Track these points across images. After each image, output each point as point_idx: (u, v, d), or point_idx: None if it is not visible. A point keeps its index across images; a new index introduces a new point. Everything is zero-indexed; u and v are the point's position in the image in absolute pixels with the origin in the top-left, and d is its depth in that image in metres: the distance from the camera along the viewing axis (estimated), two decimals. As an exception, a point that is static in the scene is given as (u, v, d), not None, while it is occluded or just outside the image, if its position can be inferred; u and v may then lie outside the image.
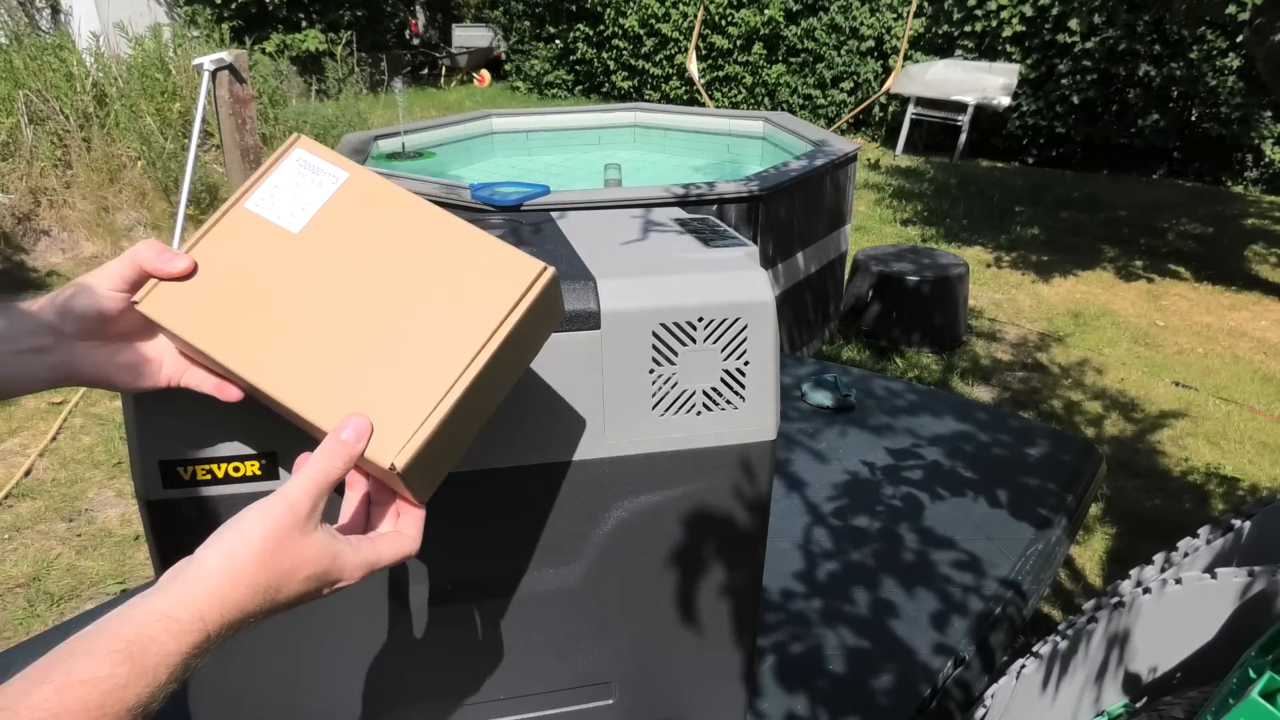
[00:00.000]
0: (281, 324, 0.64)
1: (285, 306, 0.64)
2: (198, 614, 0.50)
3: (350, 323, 0.64)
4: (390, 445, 0.60)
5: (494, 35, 12.42)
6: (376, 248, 0.66)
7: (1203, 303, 4.95)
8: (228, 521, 0.55)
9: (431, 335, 0.63)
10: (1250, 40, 4.48)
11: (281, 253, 0.66)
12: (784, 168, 3.49)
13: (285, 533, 0.54)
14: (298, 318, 0.64)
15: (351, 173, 0.69)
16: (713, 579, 1.01)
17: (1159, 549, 1.56)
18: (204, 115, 4.26)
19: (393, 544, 0.62)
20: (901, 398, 2.85)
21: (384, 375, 0.62)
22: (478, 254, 0.66)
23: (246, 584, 0.53)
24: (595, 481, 0.91)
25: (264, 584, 0.53)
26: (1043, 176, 7.92)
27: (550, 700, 1.02)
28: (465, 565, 0.92)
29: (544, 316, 0.69)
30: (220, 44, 7.12)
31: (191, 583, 0.52)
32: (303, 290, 0.65)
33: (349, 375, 0.62)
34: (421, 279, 0.65)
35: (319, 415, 0.61)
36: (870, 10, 9.06)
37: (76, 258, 5.04)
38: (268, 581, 0.54)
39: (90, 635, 0.47)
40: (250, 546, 0.53)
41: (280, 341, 0.63)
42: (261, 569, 0.53)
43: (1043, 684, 1.37)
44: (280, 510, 0.55)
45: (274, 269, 0.65)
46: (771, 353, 0.92)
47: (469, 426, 0.68)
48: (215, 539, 0.54)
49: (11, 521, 2.76)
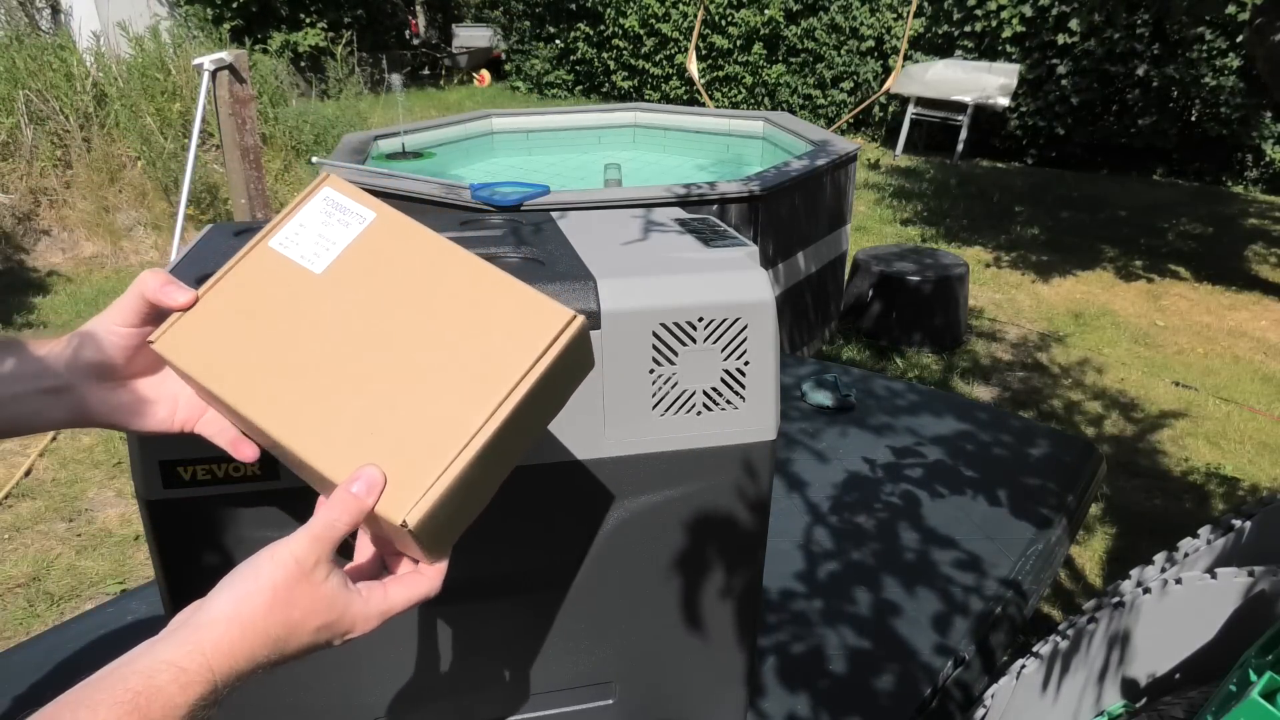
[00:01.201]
0: (297, 368, 0.62)
1: (303, 350, 0.62)
2: (205, 664, 0.49)
3: (369, 369, 0.61)
4: (403, 501, 0.56)
5: (494, 35, 12.42)
6: (401, 292, 0.64)
7: (1203, 303, 4.95)
8: (240, 565, 0.54)
9: (454, 384, 0.60)
10: (1250, 40, 4.48)
11: (303, 294, 0.64)
12: (784, 168, 3.49)
13: (295, 583, 0.53)
14: (315, 362, 0.62)
15: (379, 213, 0.67)
16: (713, 579, 1.01)
17: (1159, 549, 1.55)
18: (204, 115, 4.26)
19: (409, 587, 0.60)
20: (902, 398, 2.85)
21: (401, 426, 0.59)
22: (505, 299, 0.63)
23: (256, 633, 0.51)
24: (595, 481, 0.91)
25: (273, 634, 0.52)
26: (1043, 176, 7.92)
27: (550, 700, 1.02)
28: (465, 565, 0.92)
29: (573, 366, 0.66)
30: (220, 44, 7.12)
31: (200, 630, 0.50)
32: (322, 334, 0.63)
33: (364, 425, 0.59)
34: (446, 325, 0.63)
35: (329, 466, 0.58)
36: (870, 10, 9.06)
37: (76, 258, 5.04)
38: (277, 632, 0.52)
39: (95, 685, 0.46)
40: (261, 594, 0.52)
41: (295, 387, 0.61)
42: (271, 618, 0.52)
43: (1043, 684, 1.37)
44: (289, 562, 0.54)
45: (294, 311, 0.63)
46: (772, 353, 0.92)
47: (489, 481, 0.64)
48: (227, 583, 0.53)
49: (11, 521, 2.76)
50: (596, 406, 0.88)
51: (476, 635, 0.96)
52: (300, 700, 0.94)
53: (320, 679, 0.94)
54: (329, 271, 0.65)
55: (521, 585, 0.95)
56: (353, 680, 0.94)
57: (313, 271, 0.65)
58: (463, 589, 0.94)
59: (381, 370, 0.61)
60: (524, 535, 0.93)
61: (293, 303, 0.64)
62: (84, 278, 4.83)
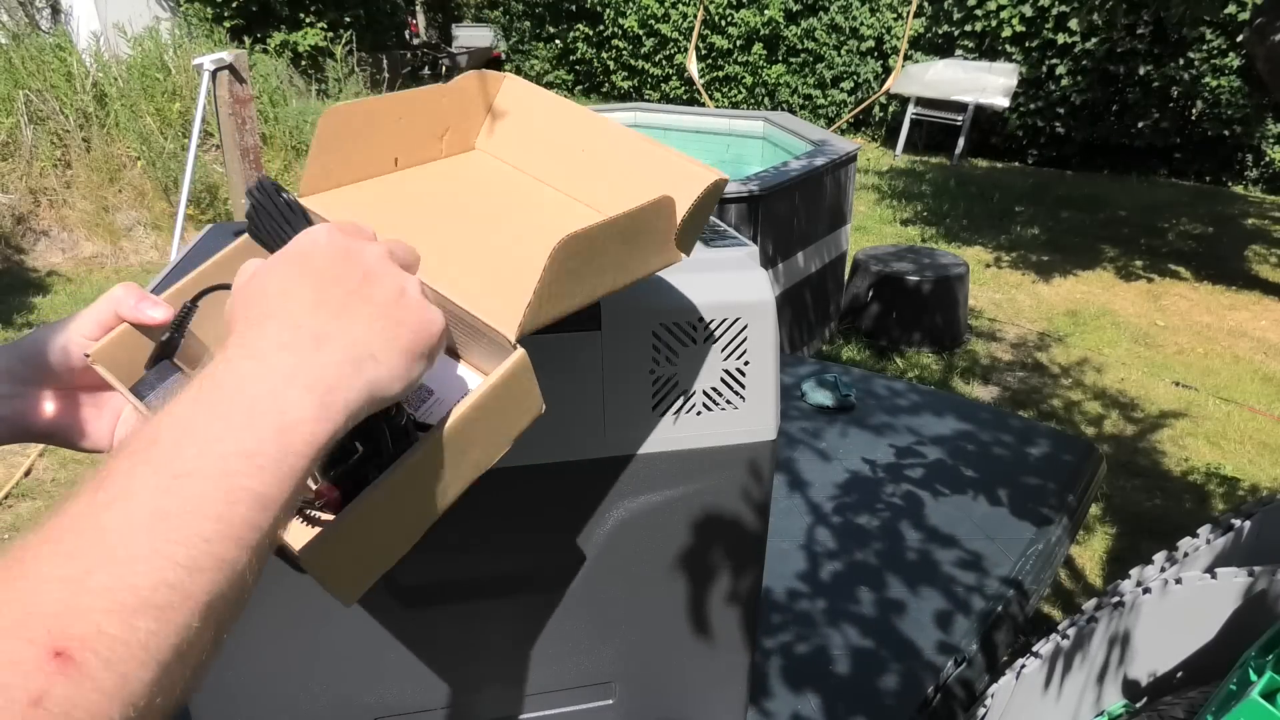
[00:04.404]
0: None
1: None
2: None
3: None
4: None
5: (494, 35, 12.42)
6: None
7: (1203, 303, 4.95)
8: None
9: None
10: (1250, 40, 4.48)
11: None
12: (784, 168, 3.49)
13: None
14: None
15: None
16: (714, 579, 1.01)
17: (1159, 549, 1.55)
18: (204, 115, 4.26)
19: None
20: (902, 398, 2.85)
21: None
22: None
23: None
24: (595, 481, 0.91)
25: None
26: (1043, 176, 7.92)
27: (550, 700, 1.02)
28: (465, 565, 0.92)
29: (511, 407, 0.58)
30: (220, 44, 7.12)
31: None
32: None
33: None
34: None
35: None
36: (870, 10, 9.06)
37: (76, 258, 5.04)
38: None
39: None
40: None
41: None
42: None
43: (1044, 683, 1.37)
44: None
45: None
46: (772, 353, 0.92)
47: (406, 521, 0.54)
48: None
49: (11, 521, 2.76)
50: (596, 406, 0.88)
51: (476, 635, 0.96)
52: (300, 701, 0.94)
53: (320, 679, 0.94)
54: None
55: (521, 585, 0.95)
56: (352, 680, 0.94)
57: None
58: (463, 589, 0.94)
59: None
60: (524, 535, 0.92)
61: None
62: (84, 278, 4.83)
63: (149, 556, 0.32)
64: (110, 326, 0.56)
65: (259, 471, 0.36)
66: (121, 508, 0.33)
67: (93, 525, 0.33)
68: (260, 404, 0.38)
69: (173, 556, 0.33)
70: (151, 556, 0.32)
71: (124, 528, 0.33)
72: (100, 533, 0.32)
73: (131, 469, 0.35)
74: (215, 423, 0.37)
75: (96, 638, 0.29)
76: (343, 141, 0.68)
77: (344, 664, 0.93)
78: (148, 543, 0.32)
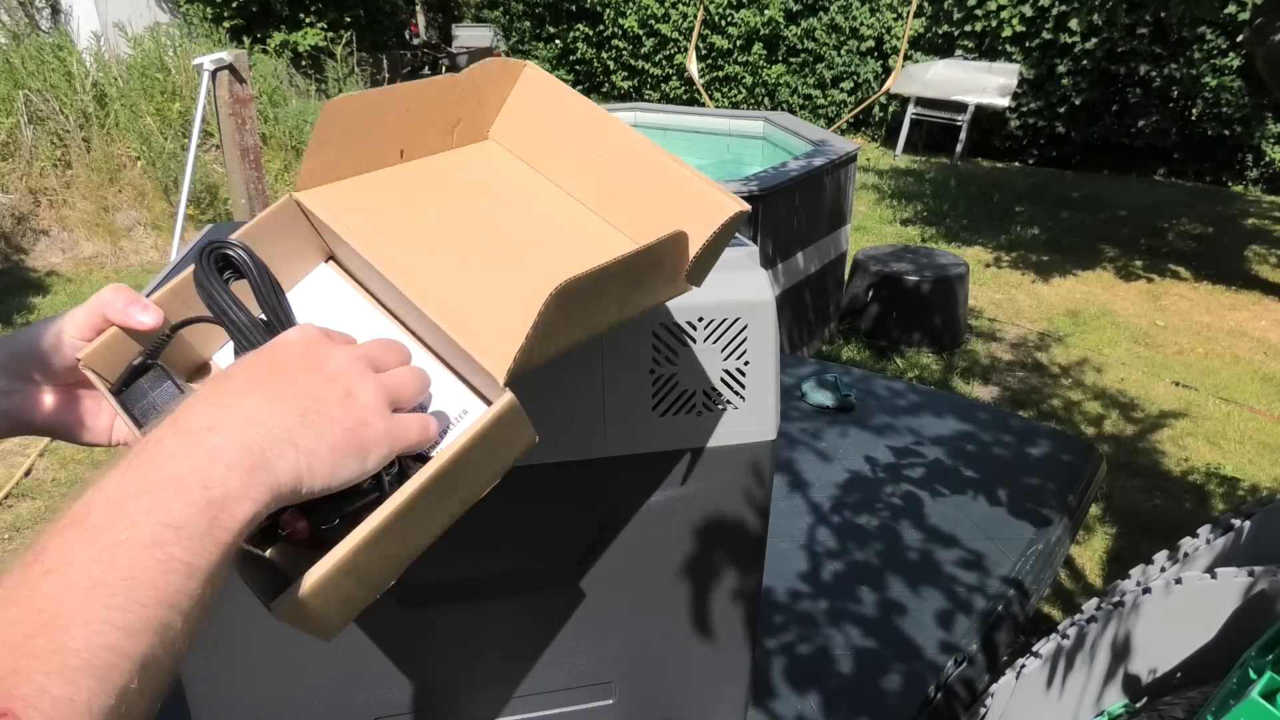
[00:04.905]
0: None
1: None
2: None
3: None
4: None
5: (494, 35, 12.43)
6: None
7: (1203, 303, 4.95)
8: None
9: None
10: (1250, 40, 4.48)
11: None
12: (784, 168, 3.49)
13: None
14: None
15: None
16: (714, 579, 1.01)
17: (1159, 549, 1.56)
18: (204, 115, 4.26)
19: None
20: (902, 398, 2.85)
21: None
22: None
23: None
24: (595, 481, 0.91)
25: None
26: (1043, 176, 7.92)
27: (550, 700, 1.02)
28: (464, 565, 0.92)
29: (500, 443, 0.57)
30: (220, 44, 7.12)
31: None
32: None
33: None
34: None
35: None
36: (870, 10, 9.06)
37: (76, 258, 5.04)
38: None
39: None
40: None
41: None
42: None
43: (1045, 683, 1.37)
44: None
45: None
46: (772, 353, 0.92)
47: (387, 562, 0.53)
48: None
49: (11, 521, 2.76)
50: (596, 406, 0.88)
51: (476, 635, 0.96)
52: (300, 701, 0.94)
53: (320, 679, 0.94)
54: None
55: (521, 585, 0.95)
56: (352, 680, 0.94)
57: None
58: (463, 589, 0.94)
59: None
60: (524, 535, 0.92)
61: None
62: (84, 278, 4.83)
63: (88, 621, 0.33)
64: (100, 328, 0.56)
65: (187, 541, 0.38)
66: (59, 577, 0.34)
67: (30, 594, 0.34)
68: (187, 479, 0.39)
69: (110, 621, 0.34)
70: (90, 621, 0.33)
71: (62, 595, 0.34)
72: (40, 600, 0.33)
73: (65, 542, 0.36)
74: (144, 496, 0.38)
75: (39, 696, 0.30)
76: (345, 133, 0.65)
77: (344, 664, 0.93)
78: (86, 608, 0.34)
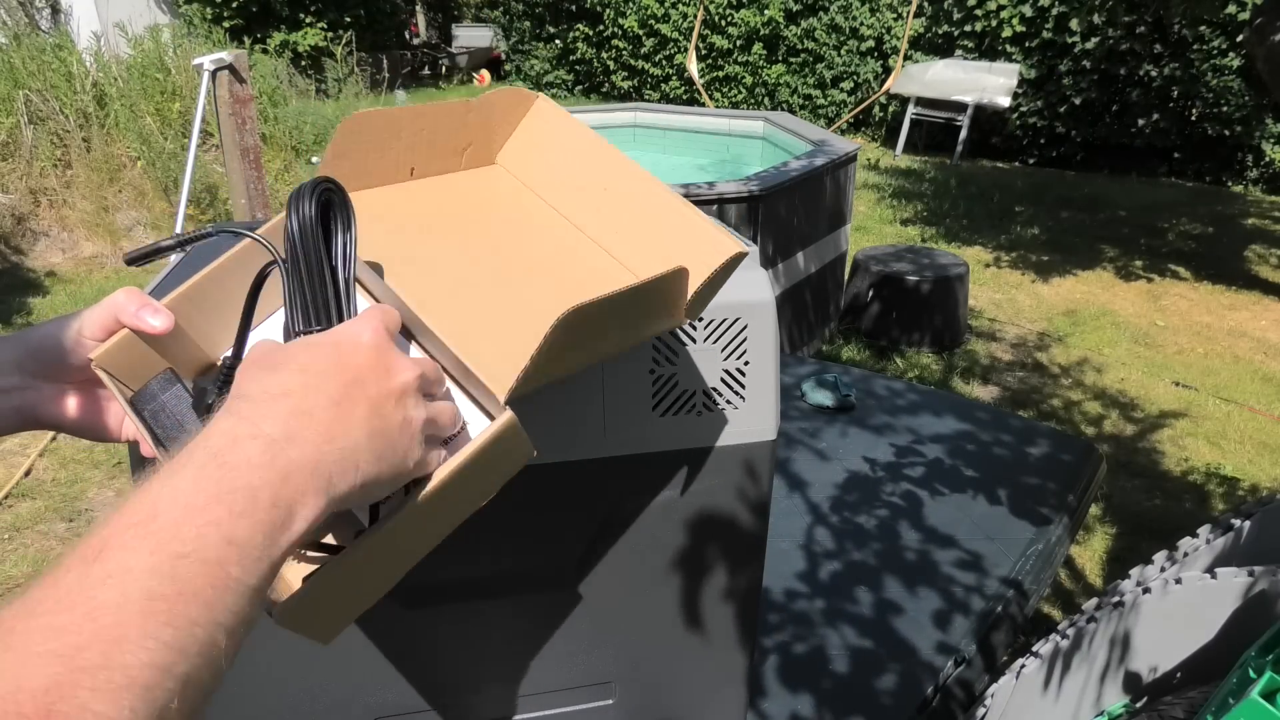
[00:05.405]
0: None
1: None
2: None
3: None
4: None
5: (494, 35, 12.43)
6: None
7: (1203, 303, 4.95)
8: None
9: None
10: (1250, 40, 4.48)
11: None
12: (784, 168, 3.49)
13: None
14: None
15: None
16: (713, 579, 1.01)
17: (1159, 549, 1.56)
18: (204, 115, 4.26)
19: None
20: (902, 397, 2.85)
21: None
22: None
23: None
24: (595, 481, 0.91)
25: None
26: (1043, 176, 7.92)
27: (550, 700, 1.02)
28: (464, 565, 0.92)
29: (500, 458, 0.57)
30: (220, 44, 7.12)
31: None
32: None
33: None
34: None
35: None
36: (870, 10, 9.06)
37: (76, 258, 5.04)
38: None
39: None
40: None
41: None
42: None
43: (1044, 683, 1.37)
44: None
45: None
46: (771, 353, 0.92)
47: (385, 572, 0.54)
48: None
49: (11, 521, 2.76)
50: (596, 406, 0.88)
51: (476, 635, 0.96)
52: (300, 700, 0.94)
53: (320, 679, 0.94)
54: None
55: (521, 585, 0.95)
56: (353, 680, 0.94)
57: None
58: (463, 589, 0.94)
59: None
60: (524, 535, 0.92)
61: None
62: (84, 278, 4.83)
63: (140, 637, 0.33)
64: (112, 329, 0.56)
65: (245, 560, 0.37)
66: (117, 585, 0.33)
67: (86, 600, 0.33)
68: (259, 495, 0.39)
69: (161, 637, 0.33)
70: (143, 637, 0.33)
71: (119, 604, 0.33)
72: (94, 607, 0.33)
73: (127, 543, 0.35)
74: (215, 506, 0.37)
75: (80, 713, 0.30)
76: (362, 147, 0.66)
77: (344, 664, 0.93)
78: (140, 623, 0.33)
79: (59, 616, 0.32)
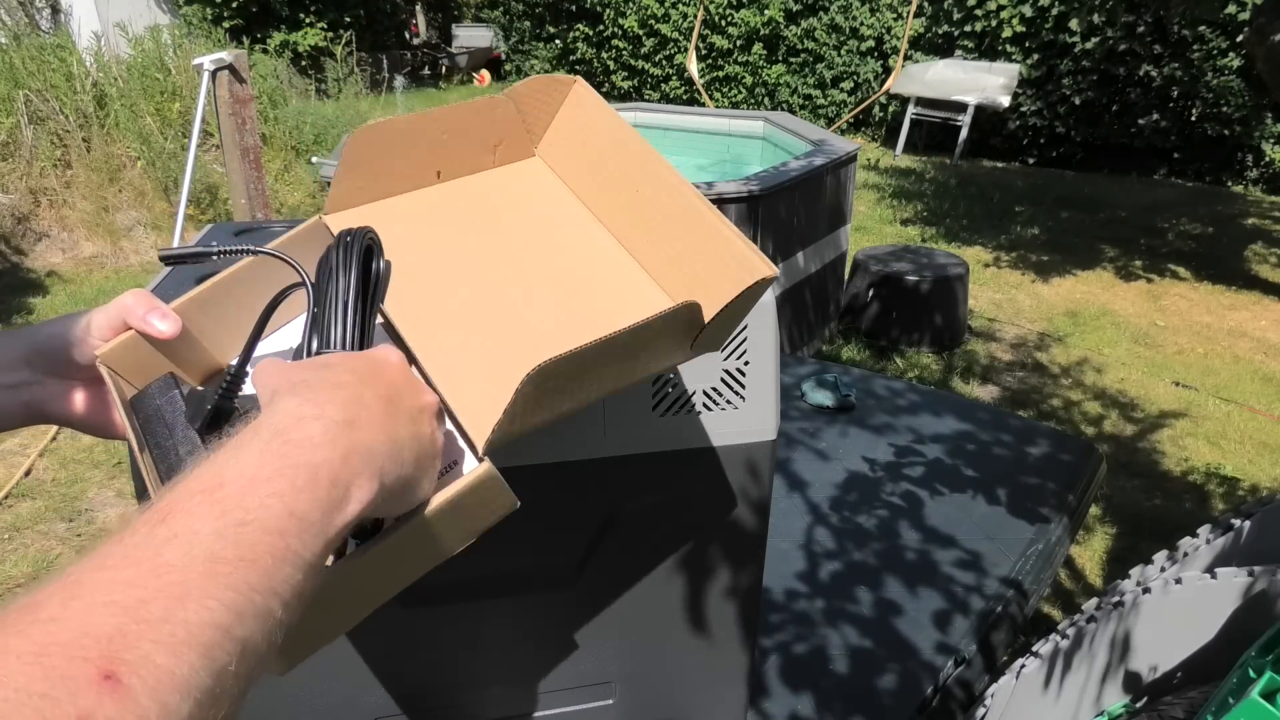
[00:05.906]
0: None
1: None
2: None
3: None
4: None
5: (494, 35, 12.43)
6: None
7: (1203, 303, 4.95)
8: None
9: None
10: (1250, 40, 4.48)
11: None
12: (784, 167, 3.49)
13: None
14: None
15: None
16: (713, 579, 1.01)
17: (1159, 549, 1.56)
18: (204, 115, 4.26)
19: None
20: (902, 397, 2.85)
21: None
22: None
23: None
24: (595, 481, 0.91)
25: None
26: (1043, 176, 7.92)
27: (550, 700, 1.02)
28: (464, 565, 0.92)
29: (477, 509, 0.57)
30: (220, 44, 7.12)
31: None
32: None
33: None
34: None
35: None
36: (870, 10, 9.06)
37: (76, 258, 5.04)
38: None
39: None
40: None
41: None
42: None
43: (1043, 683, 1.37)
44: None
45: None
46: (771, 353, 0.92)
47: (352, 607, 0.54)
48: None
49: (11, 521, 2.76)
50: (596, 406, 0.88)
51: (476, 635, 0.96)
52: (301, 700, 0.94)
53: (321, 679, 0.94)
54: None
55: (521, 585, 0.95)
56: (353, 680, 0.94)
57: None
58: (463, 589, 0.94)
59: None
60: (524, 535, 0.92)
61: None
62: (84, 278, 4.83)
63: (202, 596, 0.33)
64: (120, 331, 0.58)
65: (303, 534, 0.38)
66: (182, 544, 0.34)
67: (151, 557, 0.34)
68: (320, 472, 0.40)
69: (222, 599, 0.34)
70: (204, 596, 0.33)
71: (184, 564, 0.34)
72: (159, 565, 0.33)
73: (193, 509, 0.36)
74: (278, 479, 0.39)
75: (144, 664, 0.30)
76: (372, 159, 0.65)
77: (344, 664, 0.93)
78: (202, 583, 0.34)
79: (124, 571, 0.33)
